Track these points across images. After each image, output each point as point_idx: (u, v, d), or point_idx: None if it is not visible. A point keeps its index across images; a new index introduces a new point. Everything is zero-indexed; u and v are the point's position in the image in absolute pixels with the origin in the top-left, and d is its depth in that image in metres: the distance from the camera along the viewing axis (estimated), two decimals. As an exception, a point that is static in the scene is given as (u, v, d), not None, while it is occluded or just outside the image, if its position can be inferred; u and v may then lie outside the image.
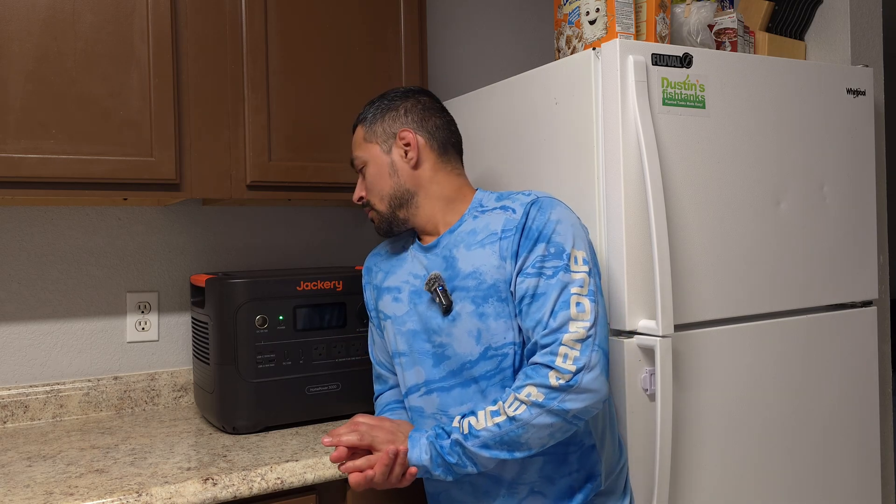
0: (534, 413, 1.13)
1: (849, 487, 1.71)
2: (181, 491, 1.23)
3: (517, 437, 1.15)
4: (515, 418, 1.14)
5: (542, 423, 1.14)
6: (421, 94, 1.37)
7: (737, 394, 1.53)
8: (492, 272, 1.23)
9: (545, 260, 1.19)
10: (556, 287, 1.17)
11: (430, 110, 1.35)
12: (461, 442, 1.17)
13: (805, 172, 1.65)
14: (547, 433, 1.15)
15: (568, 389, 1.13)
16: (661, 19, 1.65)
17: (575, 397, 1.13)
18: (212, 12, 1.57)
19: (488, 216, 1.28)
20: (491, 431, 1.15)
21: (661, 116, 1.44)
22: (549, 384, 1.13)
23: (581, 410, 1.14)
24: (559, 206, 1.25)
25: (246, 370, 1.54)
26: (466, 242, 1.28)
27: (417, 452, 1.19)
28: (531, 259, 1.20)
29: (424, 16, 1.82)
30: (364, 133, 1.36)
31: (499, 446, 1.16)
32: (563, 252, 1.20)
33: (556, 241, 1.20)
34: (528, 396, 1.14)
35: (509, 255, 1.22)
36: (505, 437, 1.15)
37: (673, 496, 1.44)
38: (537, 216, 1.22)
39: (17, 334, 1.71)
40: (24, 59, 1.40)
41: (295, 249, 2.02)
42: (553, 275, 1.18)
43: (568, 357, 1.14)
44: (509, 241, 1.22)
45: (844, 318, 1.71)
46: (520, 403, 1.14)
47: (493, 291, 1.22)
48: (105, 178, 1.45)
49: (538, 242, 1.20)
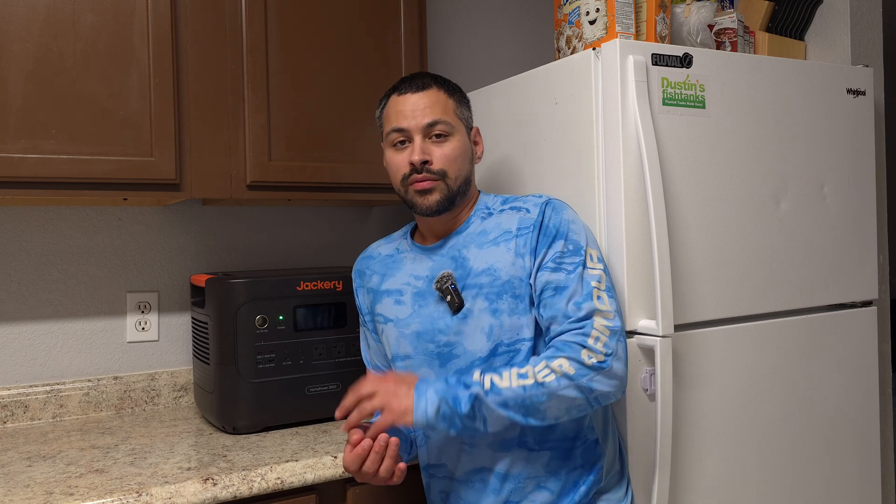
0: (562, 384, 1.14)
1: (849, 487, 1.71)
2: (181, 491, 1.23)
3: (539, 403, 1.15)
4: (544, 384, 1.14)
5: (566, 396, 1.15)
6: None
7: (737, 394, 1.53)
8: (507, 269, 1.25)
9: (564, 256, 1.23)
10: (578, 281, 1.21)
11: None
12: (480, 396, 1.15)
13: (805, 172, 1.65)
14: (566, 406, 1.16)
15: (599, 370, 1.15)
16: (661, 19, 1.65)
17: (603, 379, 1.16)
18: (212, 12, 1.57)
19: (498, 217, 1.30)
20: (514, 392, 1.15)
21: (661, 116, 1.44)
22: (581, 360, 1.15)
23: (604, 394, 1.17)
24: (569, 208, 1.30)
25: (246, 370, 1.54)
26: (477, 242, 1.29)
27: (424, 405, 1.15)
28: (550, 254, 1.23)
29: (424, 16, 1.82)
30: (455, 106, 1.32)
31: (517, 408, 1.15)
32: (580, 249, 1.24)
33: (574, 239, 1.24)
34: (560, 367, 1.15)
35: (528, 252, 1.24)
36: (527, 400, 1.15)
37: (673, 496, 1.44)
38: (553, 215, 1.26)
39: (17, 334, 1.71)
40: (24, 59, 1.40)
41: (295, 249, 2.02)
42: (573, 270, 1.22)
43: (599, 340, 1.17)
44: (526, 238, 1.25)
45: (844, 318, 1.71)
46: (550, 371, 1.15)
47: (508, 287, 1.24)
48: (105, 178, 1.45)
49: (556, 239, 1.24)
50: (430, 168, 1.27)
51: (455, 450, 1.29)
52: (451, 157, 1.28)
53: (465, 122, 1.34)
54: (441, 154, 1.27)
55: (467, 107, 1.36)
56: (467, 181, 1.32)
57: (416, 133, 1.27)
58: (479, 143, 1.37)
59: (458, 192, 1.29)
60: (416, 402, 1.15)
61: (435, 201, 1.27)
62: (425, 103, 1.28)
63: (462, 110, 1.33)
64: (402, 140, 1.29)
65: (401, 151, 1.29)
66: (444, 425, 1.15)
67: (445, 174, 1.27)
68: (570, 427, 1.26)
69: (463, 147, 1.30)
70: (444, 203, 1.28)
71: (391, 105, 1.32)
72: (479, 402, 1.15)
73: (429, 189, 1.27)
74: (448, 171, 1.28)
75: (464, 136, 1.32)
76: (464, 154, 1.31)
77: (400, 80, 1.34)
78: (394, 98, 1.31)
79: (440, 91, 1.30)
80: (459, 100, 1.34)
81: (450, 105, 1.30)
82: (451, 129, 1.29)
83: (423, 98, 1.28)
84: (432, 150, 1.27)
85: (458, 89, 1.35)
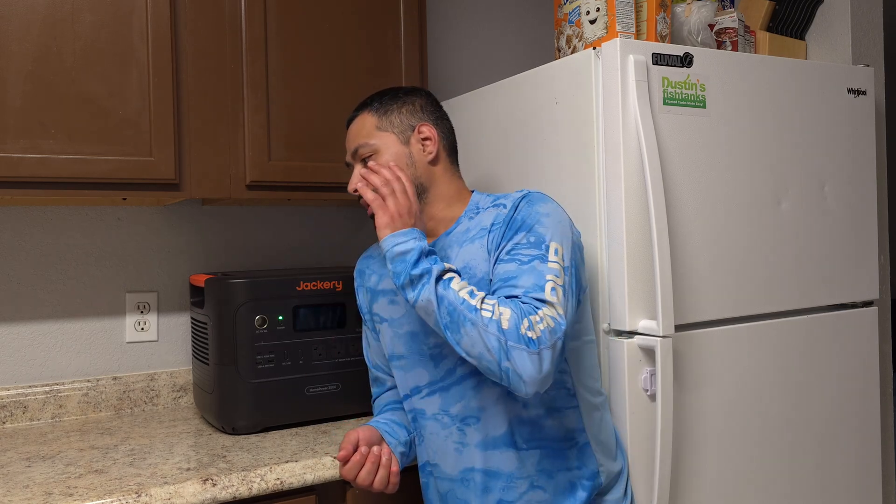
0: (491, 328, 1.08)
1: (849, 487, 1.71)
2: (180, 491, 1.22)
3: (463, 322, 1.10)
4: (479, 312, 1.09)
5: (485, 341, 1.08)
6: (429, 95, 1.38)
7: (737, 394, 1.52)
8: (481, 265, 1.23)
9: (520, 247, 1.18)
10: (530, 272, 1.14)
11: (441, 111, 1.38)
12: (433, 273, 1.12)
13: (806, 172, 1.65)
14: (478, 350, 1.09)
15: (526, 347, 1.07)
16: (662, 19, 1.65)
17: (525, 357, 1.07)
18: (211, 12, 1.57)
19: (482, 215, 1.30)
20: (455, 297, 1.11)
21: (662, 116, 1.44)
22: (518, 325, 1.08)
23: (515, 373, 1.08)
24: (551, 202, 1.25)
25: (245, 370, 1.54)
26: (460, 241, 1.29)
27: (402, 240, 1.15)
28: (508, 246, 1.19)
29: (424, 16, 1.82)
30: (377, 121, 1.31)
31: (445, 311, 1.11)
32: (542, 242, 1.18)
33: (538, 231, 1.19)
34: (501, 315, 1.09)
35: (494, 247, 1.22)
36: (456, 312, 1.10)
37: (673, 496, 1.43)
38: (524, 207, 1.23)
39: (17, 334, 1.71)
40: (23, 59, 1.39)
41: (295, 249, 2.02)
42: (528, 261, 1.16)
43: (543, 322, 1.09)
44: (496, 234, 1.23)
45: (845, 319, 1.71)
46: (493, 309, 1.09)
47: (484, 285, 1.22)
48: (104, 177, 1.45)
49: (519, 231, 1.20)
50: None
51: (449, 449, 1.29)
52: None
53: (393, 129, 1.31)
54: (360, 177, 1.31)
55: (396, 110, 1.32)
56: (421, 186, 1.30)
57: (354, 162, 1.35)
58: (429, 139, 1.31)
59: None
60: (404, 233, 1.16)
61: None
62: (352, 134, 1.35)
63: (385, 121, 1.31)
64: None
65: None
66: (397, 269, 1.14)
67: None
68: (559, 428, 1.25)
69: (391, 159, 1.29)
70: None
71: None
72: (427, 277, 1.12)
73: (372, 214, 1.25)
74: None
75: (392, 146, 1.30)
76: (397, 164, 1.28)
77: None
78: None
79: (364, 114, 1.34)
80: (384, 111, 1.32)
81: (369, 123, 1.32)
82: (375, 148, 1.30)
83: (352, 128, 1.35)
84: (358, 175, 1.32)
85: (385, 97, 1.33)
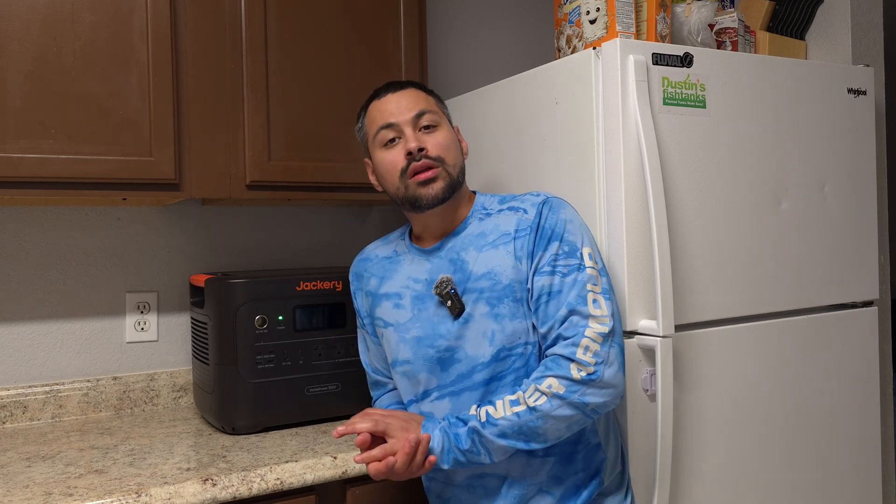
0: (554, 405, 1.14)
1: (849, 487, 1.71)
2: (180, 492, 1.22)
3: (535, 427, 1.15)
4: (536, 409, 1.14)
5: (561, 415, 1.15)
6: None
7: (737, 394, 1.52)
8: (507, 272, 1.24)
9: (559, 258, 1.22)
10: (572, 285, 1.20)
11: None
12: (478, 430, 1.16)
13: (806, 172, 1.65)
14: (565, 425, 1.16)
15: (589, 383, 1.14)
16: (662, 19, 1.65)
17: (595, 391, 1.15)
18: (211, 12, 1.57)
19: (496, 218, 1.29)
20: (510, 420, 1.15)
21: (662, 116, 1.44)
22: (570, 376, 1.14)
23: (600, 405, 1.16)
24: (567, 205, 1.29)
25: (245, 370, 1.54)
26: (476, 245, 1.28)
27: (432, 445, 1.19)
28: (546, 257, 1.22)
29: (424, 16, 1.82)
30: (434, 101, 1.33)
31: (516, 436, 1.16)
32: (576, 251, 1.23)
33: (569, 240, 1.23)
34: (549, 388, 1.14)
35: (525, 255, 1.24)
36: (524, 426, 1.15)
37: (673, 496, 1.43)
38: (549, 215, 1.25)
39: (17, 334, 1.71)
40: (23, 59, 1.39)
41: (295, 249, 2.02)
42: (568, 273, 1.21)
43: (589, 350, 1.15)
44: (524, 241, 1.24)
45: (845, 318, 1.71)
46: (540, 394, 1.15)
47: (509, 292, 1.23)
48: (104, 177, 1.45)
49: (552, 241, 1.23)
50: (428, 155, 1.25)
51: None
52: (445, 145, 1.28)
53: (447, 115, 1.35)
54: (435, 142, 1.27)
55: (445, 107, 1.37)
56: (462, 172, 1.32)
57: (407, 126, 1.27)
58: (462, 140, 1.36)
59: (457, 182, 1.29)
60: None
61: (440, 188, 1.25)
62: (408, 99, 1.29)
63: (441, 107, 1.35)
64: (393, 138, 1.28)
65: (393, 148, 1.28)
66: (450, 463, 1.18)
67: (444, 160, 1.26)
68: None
69: (453, 137, 1.31)
70: (448, 190, 1.26)
71: (373, 109, 1.31)
72: (477, 436, 1.17)
73: (432, 178, 1.25)
74: (445, 157, 1.27)
75: (447, 126, 1.32)
76: (455, 144, 1.31)
77: (374, 91, 1.35)
78: (374, 103, 1.32)
79: (418, 90, 1.32)
80: (437, 99, 1.35)
81: (431, 100, 1.32)
82: (439, 120, 1.30)
83: (405, 96, 1.30)
84: (425, 139, 1.27)
85: (434, 92, 1.37)
